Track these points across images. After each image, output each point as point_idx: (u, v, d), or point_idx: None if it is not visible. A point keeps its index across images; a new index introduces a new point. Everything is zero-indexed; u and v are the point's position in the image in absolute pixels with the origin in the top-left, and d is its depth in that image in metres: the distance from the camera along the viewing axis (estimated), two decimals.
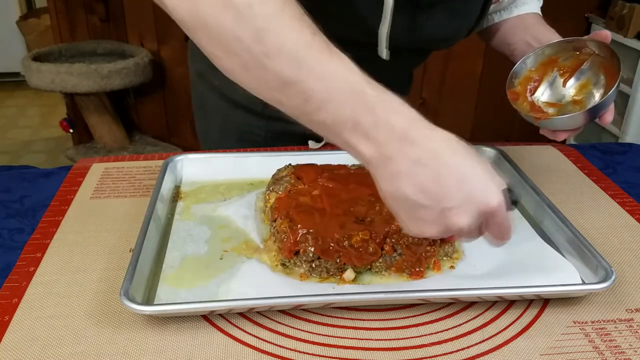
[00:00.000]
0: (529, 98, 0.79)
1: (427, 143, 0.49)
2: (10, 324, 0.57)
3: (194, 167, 0.83)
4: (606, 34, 0.73)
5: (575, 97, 0.77)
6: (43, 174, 0.89)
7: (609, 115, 0.72)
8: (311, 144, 0.95)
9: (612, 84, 0.70)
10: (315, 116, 0.50)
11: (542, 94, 0.79)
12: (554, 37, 0.79)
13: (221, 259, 0.66)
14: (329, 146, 0.93)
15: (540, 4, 0.89)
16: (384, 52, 0.75)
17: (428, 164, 0.48)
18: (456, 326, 0.58)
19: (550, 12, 0.89)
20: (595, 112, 0.70)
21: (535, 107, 0.78)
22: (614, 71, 0.72)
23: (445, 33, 0.78)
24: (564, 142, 0.84)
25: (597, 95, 0.75)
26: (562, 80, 0.78)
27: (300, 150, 0.90)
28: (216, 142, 1.01)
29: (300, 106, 0.50)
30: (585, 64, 0.76)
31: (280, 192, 0.70)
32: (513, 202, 0.53)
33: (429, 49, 0.86)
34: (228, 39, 0.49)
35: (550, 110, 0.77)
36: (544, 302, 0.61)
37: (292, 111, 0.51)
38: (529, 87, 0.79)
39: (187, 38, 0.97)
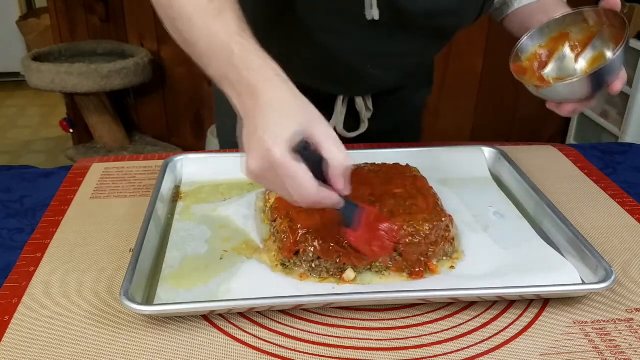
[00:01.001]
0: (537, 73, 0.75)
1: (264, 97, 0.54)
2: (10, 324, 0.57)
3: (194, 167, 0.83)
4: (615, 1, 0.70)
5: (588, 71, 0.72)
6: (43, 174, 0.89)
7: (618, 83, 0.68)
8: None
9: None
10: (210, 71, 0.59)
11: (553, 70, 0.76)
12: None
13: (221, 259, 0.66)
14: None
15: None
16: (374, 13, 0.75)
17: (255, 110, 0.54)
18: (456, 326, 0.58)
19: None
20: (600, 77, 0.66)
21: (545, 82, 0.75)
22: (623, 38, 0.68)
23: (439, 4, 0.76)
24: (563, 142, 0.83)
25: None
26: (574, 55, 0.75)
27: None
28: (233, 141, 1.02)
29: (202, 63, 0.60)
30: (596, 36, 0.72)
31: None
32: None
33: (434, 25, 0.82)
34: (156, 2, 0.63)
35: None
36: (544, 302, 0.61)
37: (201, 67, 0.60)
38: (536, 62, 0.76)
39: None
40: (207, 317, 0.58)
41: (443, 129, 2.59)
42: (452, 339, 0.57)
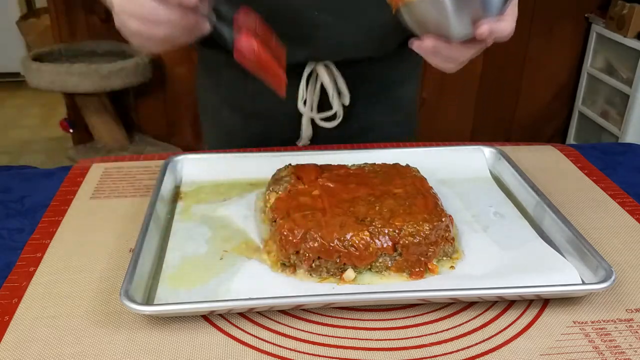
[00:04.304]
0: None
1: None
2: (10, 324, 0.57)
3: (194, 167, 0.83)
4: None
5: None
6: (43, 174, 0.89)
7: (485, 26, 0.56)
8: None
9: None
10: None
11: None
12: None
13: (221, 259, 0.66)
14: (329, 146, 0.93)
15: None
16: None
17: None
18: (456, 326, 0.58)
19: (550, 12, 0.89)
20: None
21: None
22: None
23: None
24: (563, 142, 0.82)
25: None
26: None
27: (300, 150, 0.90)
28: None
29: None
30: None
31: (280, 192, 0.70)
32: None
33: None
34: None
35: None
36: (544, 302, 0.61)
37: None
38: None
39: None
40: (207, 317, 0.58)
41: (443, 129, 2.59)
42: (452, 339, 0.57)
